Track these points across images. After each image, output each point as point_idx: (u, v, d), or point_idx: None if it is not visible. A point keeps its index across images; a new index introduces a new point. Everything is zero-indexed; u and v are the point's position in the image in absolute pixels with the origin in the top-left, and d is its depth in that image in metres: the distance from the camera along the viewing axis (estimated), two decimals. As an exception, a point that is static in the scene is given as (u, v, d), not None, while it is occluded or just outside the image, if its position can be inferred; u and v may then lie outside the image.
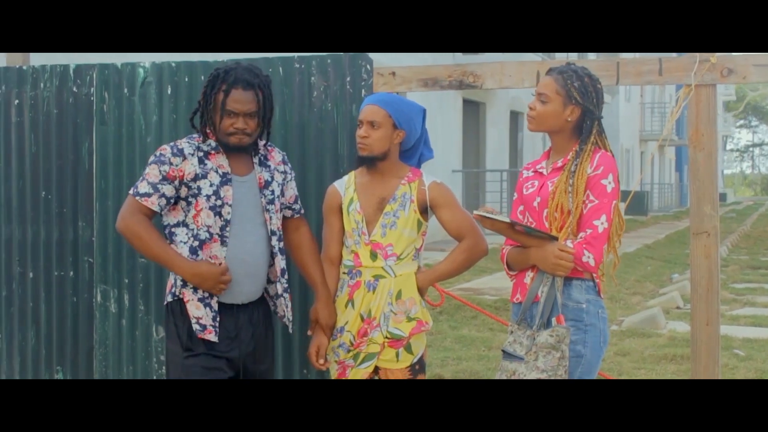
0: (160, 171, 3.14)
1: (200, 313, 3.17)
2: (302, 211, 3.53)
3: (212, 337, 3.17)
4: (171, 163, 3.15)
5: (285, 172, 3.41)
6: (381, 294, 3.34)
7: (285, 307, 3.37)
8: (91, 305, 4.32)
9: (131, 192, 3.18)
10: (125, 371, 4.26)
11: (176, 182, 3.16)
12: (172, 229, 3.21)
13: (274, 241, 3.31)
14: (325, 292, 3.40)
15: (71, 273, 4.36)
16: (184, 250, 3.17)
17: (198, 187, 3.17)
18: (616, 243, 3.18)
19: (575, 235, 3.01)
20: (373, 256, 3.36)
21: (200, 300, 3.17)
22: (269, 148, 3.41)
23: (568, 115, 3.09)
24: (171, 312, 3.23)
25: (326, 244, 3.51)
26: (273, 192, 3.31)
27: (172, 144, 3.23)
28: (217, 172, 3.19)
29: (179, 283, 3.20)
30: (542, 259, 3.00)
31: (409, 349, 3.36)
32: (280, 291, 3.34)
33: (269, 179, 3.30)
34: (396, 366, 3.35)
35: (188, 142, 3.23)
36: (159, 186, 3.14)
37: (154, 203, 3.15)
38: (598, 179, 3.00)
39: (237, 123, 3.16)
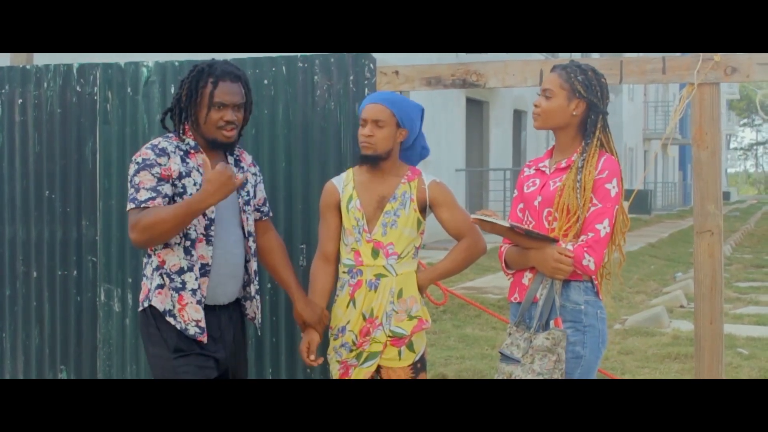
0: (152, 174, 3.05)
1: (199, 316, 3.11)
2: (270, 214, 3.50)
3: (205, 339, 3.13)
4: (159, 164, 3.06)
5: (255, 174, 3.38)
6: (383, 293, 3.34)
7: (256, 309, 3.35)
8: (95, 304, 4.33)
9: (132, 206, 3.04)
10: (129, 370, 4.26)
11: (170, 181, 3.08)
12: None
13: (251, 242, 3.29)
14: (300, 292, 3.39)
15: (75, 272, 4.37)
16: (179, 252, 3.10)
17: (183, 185, 3.10)
18: (621, 241, 3.18)
19: (578, 236, 3.00)
20: (375, 253, 3.36)
21: (198, 303, 3.11)
22: (240, 149, 3.38)
23: (573, 109, 3.08)
24: (151, 316, 3.14)
25: (322, 241, 3.50)
26: (249, 193, 3.29)
27: (150, 145, 3.12)
28: (198, 171, 3.13)
29: (153, 286, 3.12)
30: (541, 262, 3.00)
31: (411, 347, 3.36)
32: (252, 292, 3.33)
33: (244, 181, 3.27)
34: (398, 365, 3.36)
35: (167, 141, 3.15)
36: (159, 188, 3.05)
37: (160, 205, 3.05)
38: (602, 183, 3.00)
39: (226, 115, 3.11)
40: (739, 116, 71.95)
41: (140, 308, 3.19)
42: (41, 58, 5.03)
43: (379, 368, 3.39)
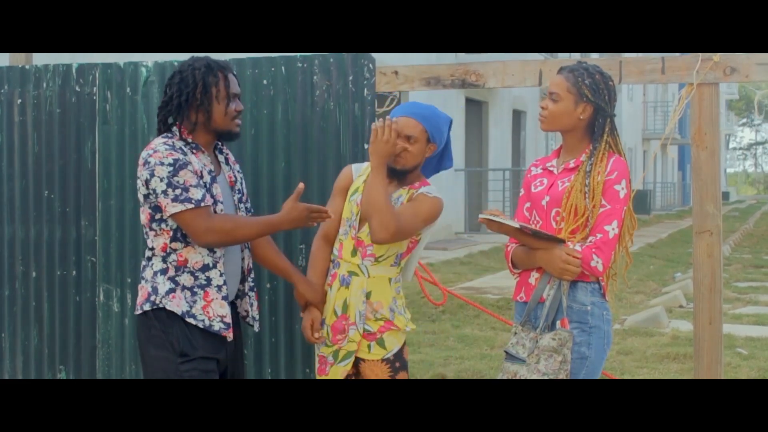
0: (192, 172, 3.01)
1: (224, 312, 3.09)
2: (252, 211, 3.46)
3: (230, 335, 3.12)
4: (189, 162, 3.03)
5: (240, 171, 3.37)
6: (354, 291, 3.32)
7: (249, 306, 3.33)
8: (94, 304, 4.33)
9: (190, 206, 2.97)
10: (128, 371, 4.26)
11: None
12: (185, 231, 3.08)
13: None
14: (298, 274, 3.39)
15: (74, 272, 4.37)
16: (202, 249, 3.07)
17: (204, 183, 3.09)
18: (628, 242, 3.18)
19: (586, 238, 3.00)
20: (354, 252, 3.35)
21: (223, 299, 3.10)
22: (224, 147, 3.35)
23: (580, 113, 3.07)
24: (156, 319, 3.07)
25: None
26: (240, 191, 3.29)
27: (168, 146, 3.03)
28: (204, 169, 3.11)
29: (162, 290, 3.07)
30: (549, 263, 2.99)
31: (381, 343, 3.33)
32: (245, 289, 3.32)
33: (235, 178, 3.28)
34: (369, 357, 3.33)
35: (173, 140, 3.09)
36: (203, 183, 3.04)
37: (210, 200, 3.05)
38: (611, 184, 3.00)
39: (239, 105, 3.15)
40: (738, 116, 71.94)
41: (139, 311, 3.13)
42: (40, 58, 5.04)
43: (357, 361, 3.36)
